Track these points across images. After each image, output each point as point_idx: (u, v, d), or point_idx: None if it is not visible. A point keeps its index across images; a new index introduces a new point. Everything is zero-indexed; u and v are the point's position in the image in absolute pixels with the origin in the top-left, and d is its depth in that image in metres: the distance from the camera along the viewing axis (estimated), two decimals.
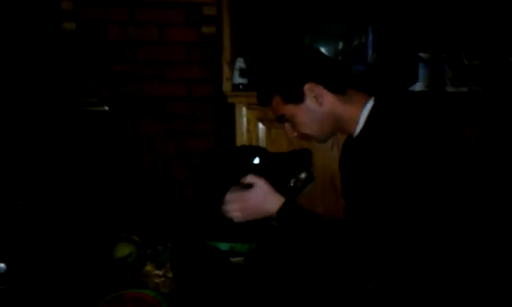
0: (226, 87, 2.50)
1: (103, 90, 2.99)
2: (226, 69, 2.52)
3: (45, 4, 2.88)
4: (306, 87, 1.42)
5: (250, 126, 2.40)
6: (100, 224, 2.99)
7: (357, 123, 1.44)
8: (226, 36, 2.53)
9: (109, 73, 3.00)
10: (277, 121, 1.54)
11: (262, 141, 2.42)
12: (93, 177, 2.98)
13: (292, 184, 1.48)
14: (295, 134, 1.54)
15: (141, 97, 3.01)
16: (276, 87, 1.47)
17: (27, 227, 2.81)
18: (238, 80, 2.51)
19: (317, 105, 1.44)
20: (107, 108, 2.94)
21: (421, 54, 2.55)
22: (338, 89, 1.44)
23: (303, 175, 1.49)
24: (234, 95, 2.44)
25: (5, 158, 2.84)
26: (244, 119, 2.40)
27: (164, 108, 3.01)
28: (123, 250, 2.76)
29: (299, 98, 1.44)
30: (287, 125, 1.53)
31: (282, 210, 1.40)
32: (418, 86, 2.52)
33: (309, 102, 1.44)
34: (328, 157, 2.43)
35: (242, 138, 2.41)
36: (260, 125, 2.41)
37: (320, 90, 1.43)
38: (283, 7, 2.61)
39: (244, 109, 2.40)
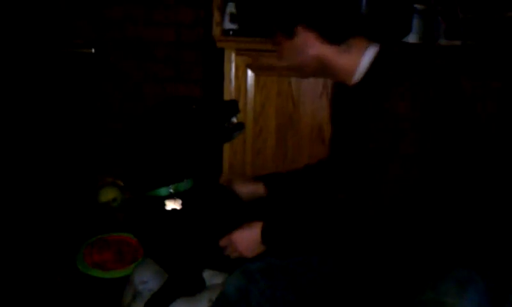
0: (216, 32, 2.44)
1: (90, 32, 2.92)
2: (216, 13, 2.46)
3: None
4: (298, 28, 1.37)
5: (239, 73, 2.36)
6: (85, 168, 2.97)
7: (354, 72, 1.38)
8: None
9: (96, 16, 2.93)
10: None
11: (251, 88, 2.38)
12: (79, 120, 2.93)
13: (226, 125, 1.62)
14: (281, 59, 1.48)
15: (129, 40, 2.95)
16: (270, 15, 1.41)
17: (11, 169, 2.79)
18: (228, 25, 2.44)
19: (304, 49, 1.38)
20: (93, 50, 2.87)
21: (416, 5, 2.50)
22: (333, 39, 1.37)
23: (234, 120, 1.63)
24: (223, 40, 2.38)
25: None
26: (233, 65, 2.35)
27: (151, 52, 2.95)
28: (108, 194, 2.76)
29: (288, 34, 1.38)
30: (276, 47, 1.47)
31: (265, 234, 1.42)
32: (411, 38, 2.47)
33: (297, 42, 1.38)
34: (315, 106, 2.40)
35: (230, 85, 2.37)
36: (249, 72, 2.37)
37: (310, 36, 1.37)
38: None
39: (233, 55, 2.34)
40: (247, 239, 1.46)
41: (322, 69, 1.42)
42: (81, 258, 2.26)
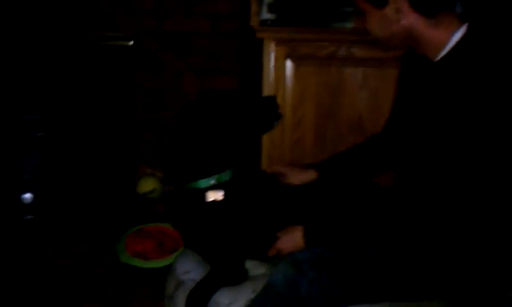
0: (254, 22, 2.42)
1: (129, 25, 2.95)
2: (254, 4, 2.44)
3: None
4: None
5: (278, 63, 2.34)
6: (125, 159, 3.01)
7: (442, 48, 1.36)
8: None
9: (134, 8, 2.95)
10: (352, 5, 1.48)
11: (289, 78, 2.36)
12: (119, 111, 2.97)
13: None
14: (362, 25, 1.47)
15: (167, 32, 2.97)
16: None
17: (52, 160, 2.84)
18: (266, 15, 2.43)
19: (395, 19, 1.36)
20: (132, 43, 2.90)
21: None
22: (426, 10, 1.35)
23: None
24: (263, 30, 2.36)
25: (31, 92, 2.84)
26: (272, 56, 2.33)
27: (189, 43, 2.96)
28: (147, 185, 2.78)
29: (381, 3, 1.36)
30: (358, 16, 1.48)
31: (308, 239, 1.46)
32: None
33: (389, 11, 1.36)
34: (355, 96, 2.37)
35: (269, 75, 2.35)
36: (288, 62, 2.34)
37: (404, 5, 1.34)
38: None
39: (272, 45, 2.32)
40: (291, 246, 1.48)
41: (410, 41, 1.40)
42: (122, 248, 2.29)
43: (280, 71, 2.35)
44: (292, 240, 1.49)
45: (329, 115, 2.40)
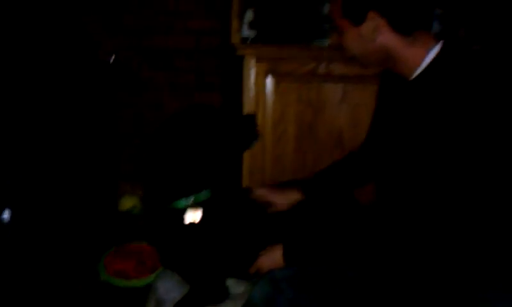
0: (235, 39, 2.44)
1: (110, 41, 2.94)
2: (234, 21, 2.45)
3: None
4: (370, 14, 1.34)
5: (258, 80, 2.35)
6: (105, 176, 2.98)
7: (417, 67, 1.37)
8: None
9: (115, 24, 2.95)
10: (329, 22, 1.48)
11: (270, 95, 2.37)
12: (99, 129, 2.95)
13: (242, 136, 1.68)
14: (338, 42, 1.47)
15: (148, 49, 2.96)
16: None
17: (32, 176, 2.80)
18: (247, 32, 2.44)
19: (372, 36, 1.36)
20: (112, 59, 2.89)
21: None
22: (403, 29, 1.35)
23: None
24: (243, 47, 2.38)
25: (9, 106, 2.81)
26: (253, 72, 2.35)
27: (171, 60, 2.96)
28: (128, 203, 2.77)
29: (358, 20, 1.36)
30: (335, 32, 1.47)
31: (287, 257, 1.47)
32: None
33: (366, 28, 1.36)
34: (336, 112, 2.39)
35: (249, 92, 2.36)
36: (269, 79, 2.36)
37: (381, 23, 1.35)
38: None
39: (252, 62, 2.34)
40: (271, 264, 1.48)
41: (385, 59, 1.40)
42: (102, 266, 2.26)
43: (261, 87, 2.37)
44: (271, 258, 1.49)
45: (309, 131, 2.42)
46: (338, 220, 1.68)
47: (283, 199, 1.80)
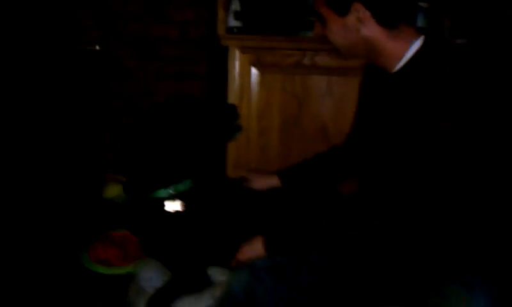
0: (220, 29, 2.44)
1: (95, 29, 2.93)
2: (220, 11, 2.46)
3: None
4: (354, 5, 1.35)
5: (243, 71, 2.36)
6: (90, 165, 2.98)
7: (399, 60, 1.38)
8: None
9: (101, 12, 2.94)
10: (312, 13, 1.49)
11: (255, 86, 2.38)
12: (84, 117, 2.95)
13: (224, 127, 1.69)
14: (321, 34, 1.47)
15: (134, 38, 2.96)
16: None
17: (16, 165, 2.80)
18: (233, 22, 2.45)
19: (356, 28, 1.37)
20: (98, 47, 2.88)
21: (421, 4, 2.49)
22: (387, 21, 1.36)
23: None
24: (227, 38, 2.38)
25: None
26: (237, 63, 2.36)
27: (156, 50, 2.96)
28: (113, 191, 2.77)
29: (342, 11, 1.37)
30: (318, 22, 1.46)
31: (268, 247, 1.46)
32: None
33: (350, 19, 1.36)
34: (320, 104, 2.41)
35: (234, 82, 2.37)
36: (253, 70, 2.37)
37: (366, 15, 1.35)
38: None
39: (237, 53, 2.35)
40: (252, 255, 1.48)
41: (368, 51, 1.41)
42: (86, 254, 2.27)
43: (245, 78, 2.38)
44: (253, 249, 1.49)
45: (294, 122, 2.43)
46: (320, 211, 1.70)
47: (260, 181, 1.84)
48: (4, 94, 2.80)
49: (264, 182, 1.85)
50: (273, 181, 1.84)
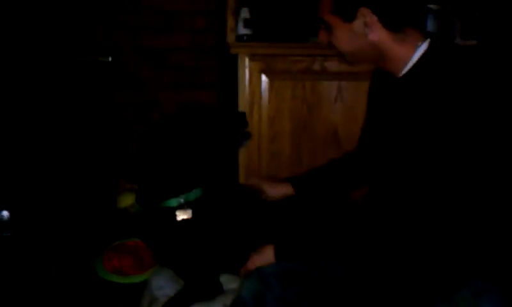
0: (230, 38, 2.45)
1: (107, 41, 2.96)
2: (230, 19, 2.47)
3: None
4: (361, 10, 1.34)
5: (253, 78, 2.37)
6: (105, 174, 3.01)
7: (405, 64, 1.37)
8: None
9: (113, 24, 2.97)
10: (317, 20, 1.48)
11: (265, 93, 2.39)
12: (98, 127, 2.97)
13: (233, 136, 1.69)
14: (326, 41, 1.46)
15: (145, 48, 2.98)
16: None
17: (31, 175, 2.83)
18: (242, 30, 2.46)
19: (363, 33, 1.36)
20: (110, 59, 2.91)
21: (431, 6, 2.48)
22: (394, 25, 1.35)
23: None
24: (237, 46, 2.39)
25: (8, 107, 2.84)
26: (247, 71, 2.36)
27: (167, 59, 2.98)
28: (126, 200, 2.78)
29: (349, 17, 1.36)
30: (322, 30, 1.45)
31: (278, 255, 1.46)
32: None
33: (357, 25, 1.35)
34: (330, 110, 2.41)
35: (244, 90, 2.38)
36: (263, 77, 2.38)
37: (373, 20, 1.34)
38: None
39: (247, 60, 2.36)
40: (263, 264, 1.48)
41: (375, 56, 1.40)
42: (100, 263, 2.28)
43: (256, 86, 2.38)
44: (263, 258, 1.49)
45: (304, 128, 2.43)
46: (330, 219, 1.69)
47: (274, 190, 1.83)
48: (19, 105, 2.84)
49: (277, 191, 1.83)
50: (287, 190, 1.83)
